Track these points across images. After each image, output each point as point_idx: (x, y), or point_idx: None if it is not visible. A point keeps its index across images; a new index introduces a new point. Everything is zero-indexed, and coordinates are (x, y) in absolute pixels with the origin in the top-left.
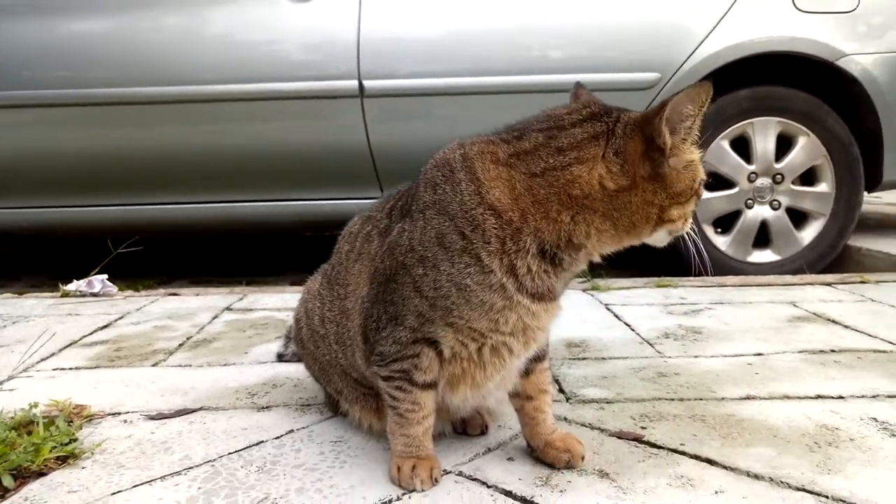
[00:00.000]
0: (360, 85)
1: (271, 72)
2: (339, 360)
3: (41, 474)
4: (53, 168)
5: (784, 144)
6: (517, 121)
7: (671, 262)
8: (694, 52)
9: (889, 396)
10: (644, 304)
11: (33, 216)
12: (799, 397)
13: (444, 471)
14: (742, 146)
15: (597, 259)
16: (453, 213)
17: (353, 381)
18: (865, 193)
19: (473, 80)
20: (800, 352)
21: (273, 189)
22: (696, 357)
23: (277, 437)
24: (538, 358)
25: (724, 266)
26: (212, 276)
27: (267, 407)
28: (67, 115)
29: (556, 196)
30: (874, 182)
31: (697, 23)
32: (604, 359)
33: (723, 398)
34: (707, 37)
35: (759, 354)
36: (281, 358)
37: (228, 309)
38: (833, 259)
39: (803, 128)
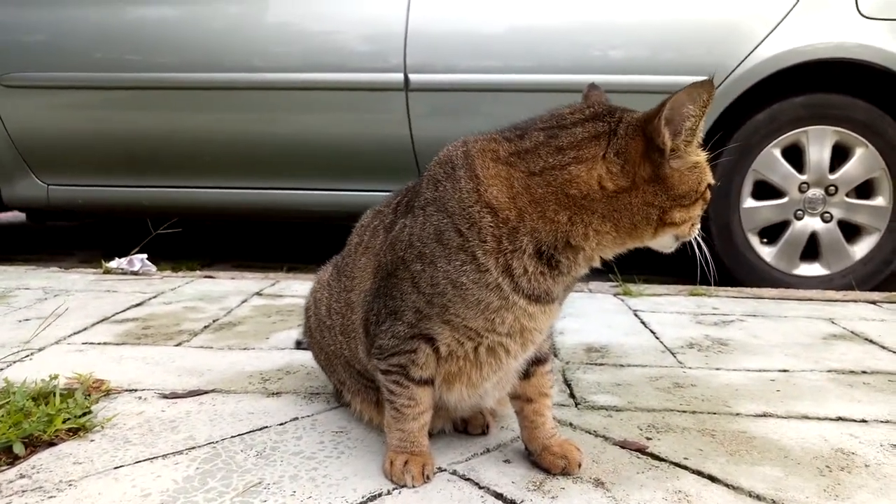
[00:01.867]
0: (406, 78)
1: (320, 62)
2: (344, 351)
3: (51, 444)
4: (111, 148)
5: (839, 155)
6: (523, 120)
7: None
8: (749, 55)
9: None
10: (674, 311)
11: (89, 194)
12: (818, 418)
13: (439, 468)
14: (794, 155)
15: (596, 264)
16: (451, 209)
17: (356, 373)
18: None
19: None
20: (828, 371)
21: (317, 178)
22: (717, 369)
23: (281, 424)
24: (539, 360)
25: (768, 277)
26: (254, 261)
27: (277, 393)
28: (130, 98)
29: (554, 196)
30: None
31: (755, 24)
32: (621, 366)
33: (737, 414)
34: (764, 40)
35: (785, 371)
36: (299, 345)
37: (258, 294)
38: (886, 276)
39: (862, 138)
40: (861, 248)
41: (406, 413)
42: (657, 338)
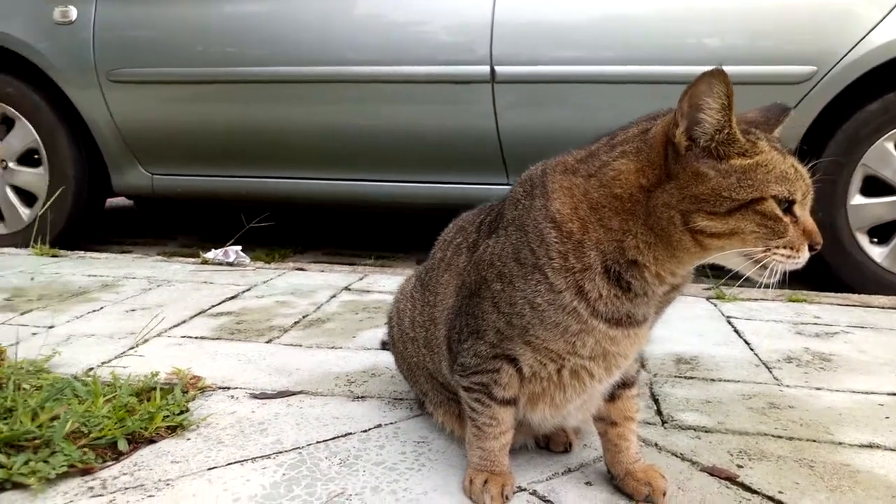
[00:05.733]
0: (492, 70)
1: (407, 55)
2: (427, 363)
3: (151, 441)
4: (210, 141)
5: None
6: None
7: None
8: (860, 42)
9: None
10: (770, 319)
11: (189, 183)
12: None
13: (519, 487)
14: None
15: (675, 281)
16: (527, 227)
17: (439, 384)
18: None
19: (600, 69)
20: None
21: (405, 170)
22: (817, 389)
23: (365, 431)
24: (626, 384)
25: (879, 280)
26: (343, 248)
27: (361, 397)
28: (227, 92)
29: (606, 198)
30: None
31: (868, 8)
32: (712, 380)
33: (840, 443)
34: (878, 24)
35: (895, 394)
36: (384, 346)
37: (347, 289)
38: None
39: None
40: None
41: (487, 432)
42: (752, 349)
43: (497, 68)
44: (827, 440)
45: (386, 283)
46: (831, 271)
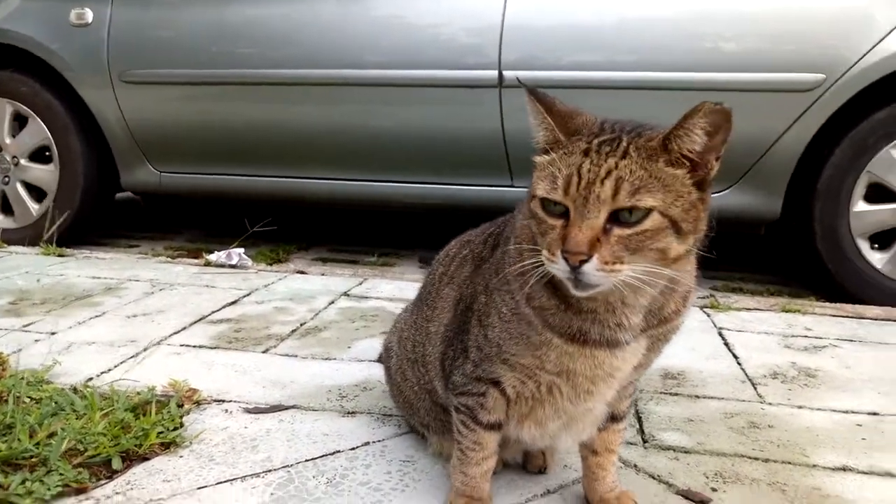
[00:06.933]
0: (500, 75)
1: (418, 59)
2: (427, 386)
3: (145, 458)
4: (217, 141)
5: None
6: None
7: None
8: (872, 49)
9: None
10: (762, 331)
11: (196, 182)
12: None
13: None
14: None
15: (628, 305)
16: (508, 239)
17: (441, 410)
18: None
19: (605, 75)
20: None
21: (413, 172)
22: (799, 408)
23: (353, 449)
24: (614, 417)
25: (879, 286)
26: (347, 245)
27: (352, 412)
28: (236, 93)
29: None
30: None
31: (879, 12)
32: (697, 397)
33: (814, 465)
34: (889, 34)
35: (874, 414)
36: (380, 359)
37: (346, 294)
38: None
39: None
40: None
41: (470, 457)
42: (739, 364)
43: (506, 73)
44: (802, 462)
45: (385, 289)
46: (833, 278)
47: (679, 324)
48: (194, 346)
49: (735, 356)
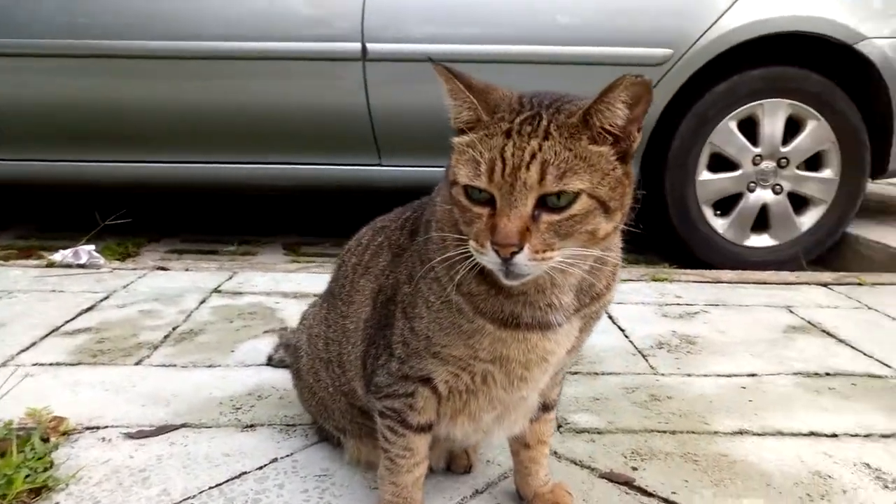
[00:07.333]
0: (364, 48)
1: (270, 30)
2: (344, 387)
3: None
4: (52, 121)
5: (792, 128)
6: None
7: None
8: (712, 26)
9: (883, 436)
10: (639, 302)
11: (30, 169)
12: (792, 434)
13: None
14: (749, 128)
15: (557, 284)
16: (429, 223)
17: (359, 413)
18: (869, 181)
19: (474, 48)
20: (794, 374)
21: (269, 151)
22: (688, 376)
23: (260, 468)
24: (546, 406)
25: (720, 249)
26: (202, 234)
27: (251, 426)
28: (70, 67)
29: None
30: (880, 170)
31: None
32: (596, 374)
33: (715, 432)
34: (727, 10)
35: (753, 375)
36: (269, 361)
37: (217, 291)
38: (830, 246)
39: (814, 111)
40: (808, 220)
41: (400, 464)
42: (626, 336)
43: (369, 45)
44: (704, 430)
45: (259, 282)
46: (685, 245)
47: (610, 299)
48: (51, 364)
49: (621, 329)
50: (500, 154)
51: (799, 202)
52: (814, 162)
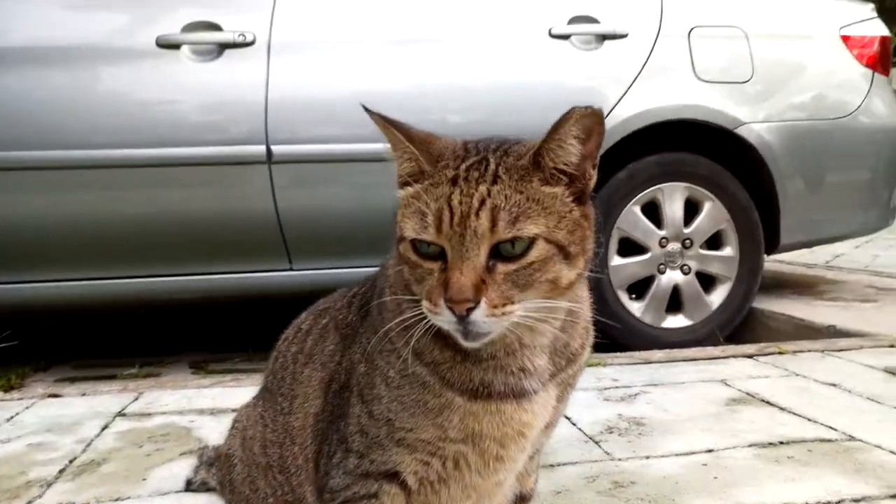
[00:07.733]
0: (269, 150)
1: (170, 135)
2: (287, 496)
3: None
4: None
5: (691, 210)
6: None
7: None
8: (606, 117)
9: (854, 500)
10: (579, 388)
11: None
12: None
13: None
14: (653, 211)
15: (530, 348)
16: (383, 292)
17: None
18: (766, 256)
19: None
20: (749, 445)
21: (171, 262)
22: (647, 458)
23: None
24: (523, 497)
25: (639, 333)
26: (100, 359)
27: None
28: None
29: None
30: (773, 245)
31: (609, 89)
32: (552, 465)
33: None
34: (618, 103)
35: (711, 451)
36: (189, 486)
37: (122, 414)
38: (740, 322)
39: (708, 193)
40: (717, 297)
41: None
42: (574, 423)
43: (273, 148)
44: None
45: (169, 401)
46: (604, 332)
47: (585, 361)
48: None
49: (567, 417)
50: (448, 203)
51: (707, 281)
52: (714, 241)
